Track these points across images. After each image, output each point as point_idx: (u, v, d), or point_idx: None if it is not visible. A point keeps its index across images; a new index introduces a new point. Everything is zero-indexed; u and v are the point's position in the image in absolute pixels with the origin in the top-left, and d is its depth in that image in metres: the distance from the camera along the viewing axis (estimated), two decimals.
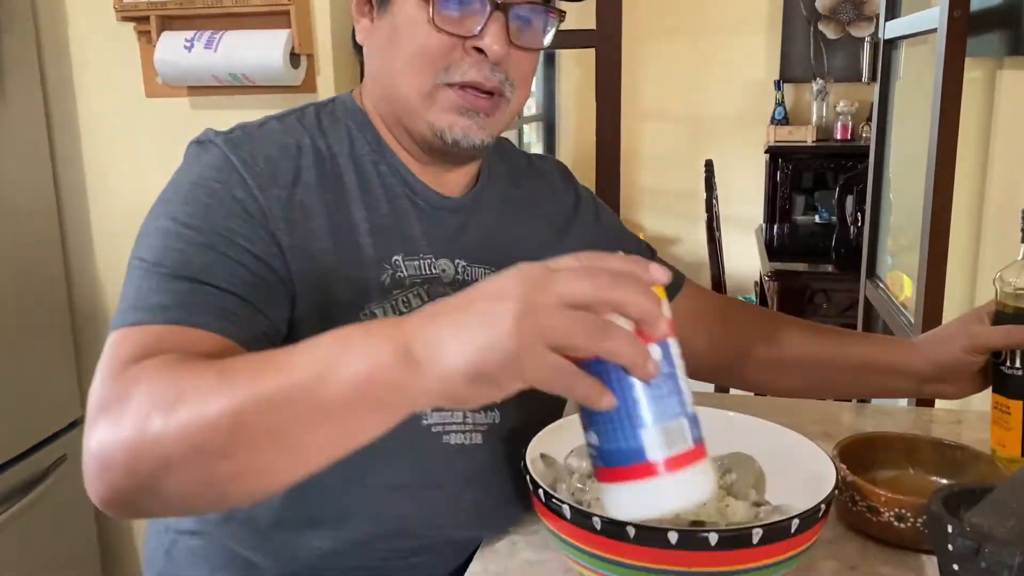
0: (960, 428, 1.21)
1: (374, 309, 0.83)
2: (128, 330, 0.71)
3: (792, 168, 4.56)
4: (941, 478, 1.01)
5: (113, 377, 0.66)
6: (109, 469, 0.62)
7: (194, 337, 0.71)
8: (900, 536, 0.89)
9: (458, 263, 0.91)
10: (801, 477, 0.89)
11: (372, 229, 0.86)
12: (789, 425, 1.21)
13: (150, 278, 0.75)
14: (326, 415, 0.57)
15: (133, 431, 0.61)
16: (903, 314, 1.90)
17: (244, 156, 0.82)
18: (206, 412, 0.59)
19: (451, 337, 0.55)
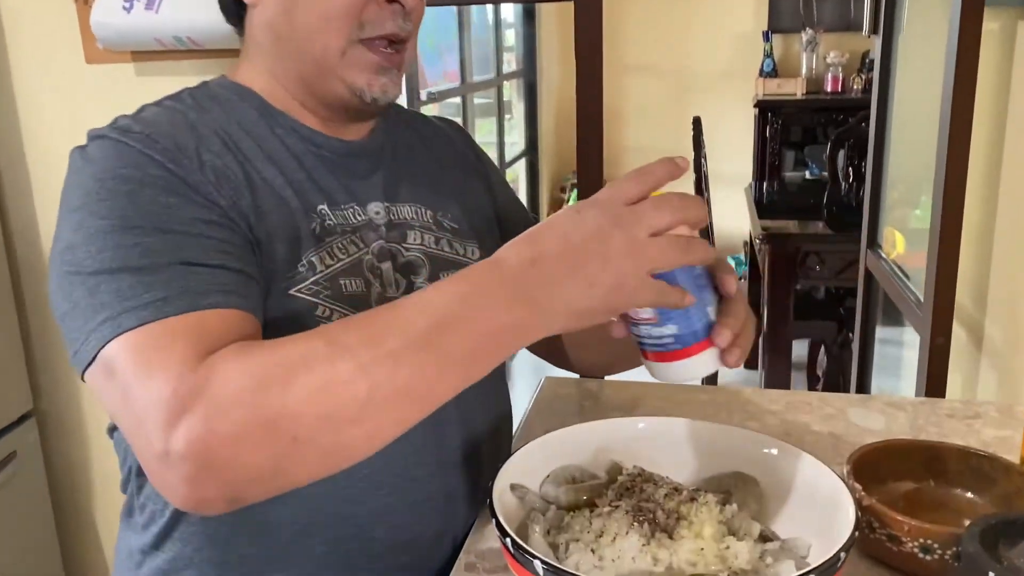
0: (978, 424, 1.10)
1: (310, 257, 0.80)
2: (139, 332, 0.65)
3: (781, 123, 4.46)
4: (966, 491, 0.89)
5: (173, 375, 0.61)
6: (213, 465, 0.59)
7: (215, 319, 0.67)
8: (925, 569, 0.78)
9: (380, 207, 0.88)
10: (810, 500, 0.77)
11: (288, 183, 0.83)
12: (793, 424, 1.11)
13: (121, 280, 0.67)
14: (455, 364, 0.62)
15: (246, 416, 0.59)
16: (909, 289, 1.78)
17: (139, 138, 0.76)
18: (333, 379, 0.60)
19: (571, 282, 0.62)
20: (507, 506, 0.76)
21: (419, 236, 0.89)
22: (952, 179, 1.40)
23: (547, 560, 0.63)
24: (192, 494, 0.61)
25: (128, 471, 0.85)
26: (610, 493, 0.77)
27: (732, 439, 0.85)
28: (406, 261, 0.86)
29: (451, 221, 0.93)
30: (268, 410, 0.59)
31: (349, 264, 0.81)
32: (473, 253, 0.92)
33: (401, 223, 0.88)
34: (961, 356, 1.91)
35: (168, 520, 0.82)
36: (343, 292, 0.79)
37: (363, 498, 0.81)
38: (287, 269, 0.78)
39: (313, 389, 0.60)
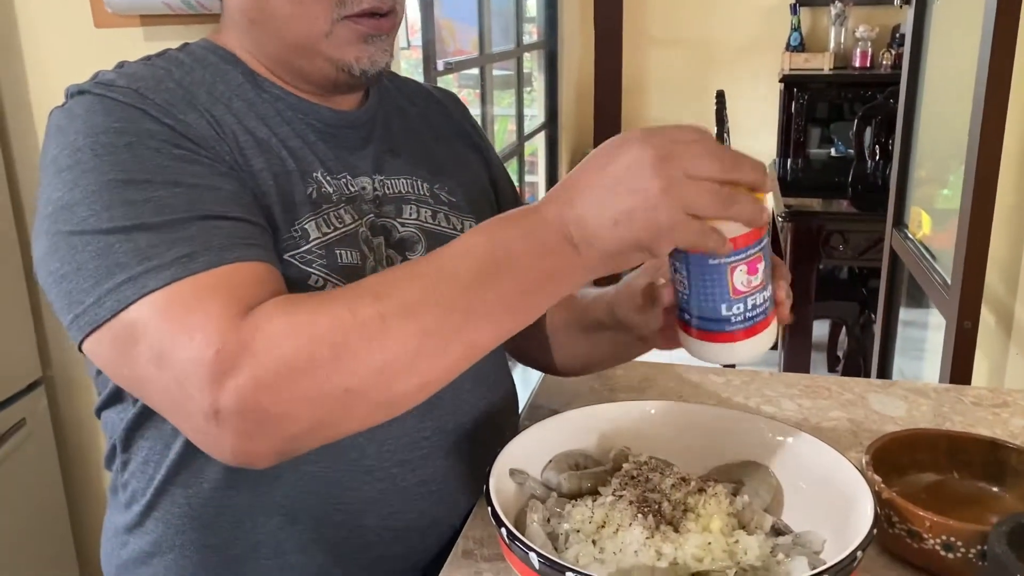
0: (1006, 413, 1.05)
1: (304, 224, 0.76)
2: (166, 292, 0.62)
3: (808, 98, 4.37)
4: (992, 485, 0.85)
5: (215, 334, 0.59)
6: (265, 420, 0.59)
7: (244, 273, 0.65)
8: (947, 568, 0.73)
9: (374, 179, 0.84)
10: (826, 491, 0.73)
11: (283, 144, 0.78)
12: (810, 409, 1.06)
13: (138, 238, 0.64)
14: (505, 308, 0.62)
15: (297, 373, 0.58)
16: (936, 270, 1.72)
17: (126, 92, 0.71)
18: (384, 333, 0.59)
19: (607, 219, 0.60)
20: (505, 492, 0.72)
21: (415, 210, 0.85)
22: (985, 154, 1.34)
23: (543, 553, 0.60)
24: (243, 449, 0.60)
25: (112, 448, 0.83)
26: (614, 482, 0.73)
27: (745, 426, 0.80)
28: (401, 237, 0.82)
29: (448, 194, 0.88)
30: (319, 367, 0.59)
31: (344, 234, 0.78)
32: (470, 228, 0.88)
33: (396, 197, 0.84)
34: (989, 341, 1.86)
35: (150, 499, 0.79)
36: (338, 262, 0.76)
37: (353, 484, 0.78)
38: (282, 233, 0.74)
39: (364, 344, 0.59)
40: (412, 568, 0.82)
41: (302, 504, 0.77)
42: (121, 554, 0.83)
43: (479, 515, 0.83)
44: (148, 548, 0.80)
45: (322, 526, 0.78)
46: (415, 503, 0.81)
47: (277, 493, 0.76)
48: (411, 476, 0.80)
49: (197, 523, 0.78)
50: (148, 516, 0.80)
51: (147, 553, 0.80)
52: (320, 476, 0.76)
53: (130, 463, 0.81)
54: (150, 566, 0.81)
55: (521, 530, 0.70)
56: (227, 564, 0.78)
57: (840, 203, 3.24)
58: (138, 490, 0.80)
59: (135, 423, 0.79)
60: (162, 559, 0.80)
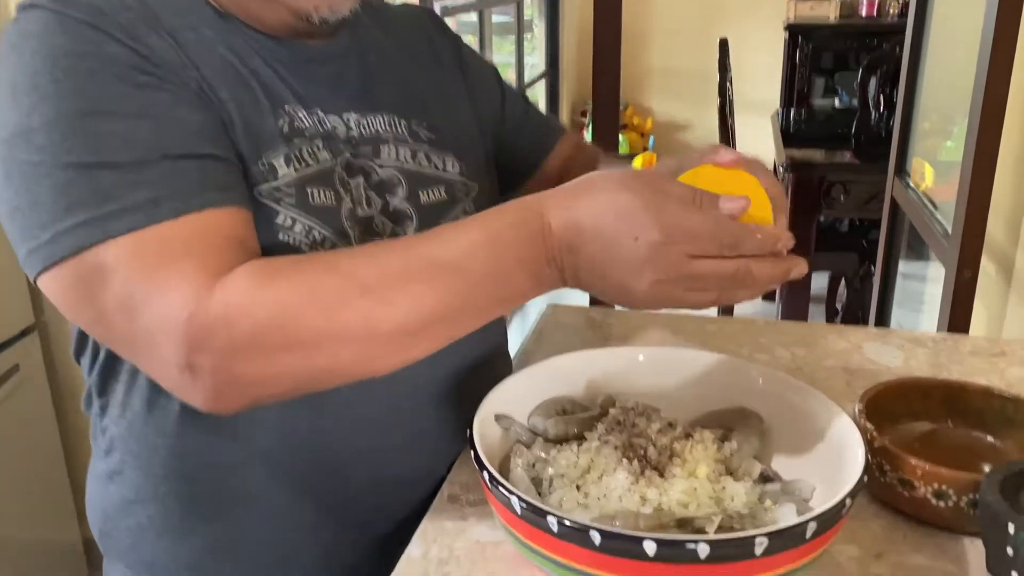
0: (1003, 363, 1.04)
1: (273, 159, 0.72)
2: (131, 238, 0.60)
3: (812, 47, 4.29)
4: (986, 435, 0.84)
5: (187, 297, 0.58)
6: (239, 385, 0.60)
7: (213, 221, 0.63)
8: (938, 516, 0.72)
9: (348, 118, 0.79)
10: (817, 439, 0.72)
11: (253, 74, 0.74)
12: (805, 358, 1.05)
13: (101, 177, 0.61)
14: (486, 312, 0.64)
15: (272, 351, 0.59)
16: (937, 220, 1.70)
17: (85, 9, 0.66)
18: (364, 323, 0.59)
19: (600, 283, 0.62)
20: (490, 437, 0.71)
21: (393, 151, 0.80)
22: (991, 100, 1.31)
23: (525, 497, 0.58)
24: (215, 405, 0.61)
25: (89, 392, 0.81)
26: (600, 427, 0.71)
27: (736, 372, 0.79)
28: (380, 179, 0.78)
29: (427, 131, 0.84)
30: (297, 348, 0.59)
31: (318, 172, 0.74)
32: (453, 166, 0.84)
33: (373, 137, 0.80)
34: (989, 291, 1.84)
35: (129, 447, 0.77)
36: (310, 202, 0.72)
37: (342, 436, 0.76)
38: (247, 167, 0.70)
39: (346, 335, 0.59)
40: (402, 519, 0.80)
41: (287, 456, 0.75)
42: (105, 502, 0.81)
43: (465, 460, 0.82)
44: (131, 496, 0.79)
45: (308, 477, 0.76)
46: (406, 456, 0.79)
47: (260, 444, 0.75)
48: (402, 428, 0.79)
49: (178, 473, 0.76)
50: (128, 464, 0.78)
51: (130, 501, 0.79)
52: (307, 428, 0.75)
53: (108, 409, 0.79)
54: (134, 515, 0.79)
55: (505, 475, 0.69)
56: (211, 514, 0.77)
57: (843, 155, 3.20)
58: (116, 436, 0.78)
59: (107, 367, 0.77)
60: (145, 508, 0.78)
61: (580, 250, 0.61)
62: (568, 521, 0.56)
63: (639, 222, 0.59)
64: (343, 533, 0.79)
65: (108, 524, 0.82)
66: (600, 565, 0.57)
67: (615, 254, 0.59)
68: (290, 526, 0.77)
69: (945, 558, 0.70)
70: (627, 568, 0.56)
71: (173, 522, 0.78)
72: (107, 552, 0.84)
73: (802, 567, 0.59)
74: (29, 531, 1.84)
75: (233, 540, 0.77)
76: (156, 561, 0.79)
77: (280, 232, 0.70)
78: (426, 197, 0.80)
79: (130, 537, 0.80)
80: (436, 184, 0.82)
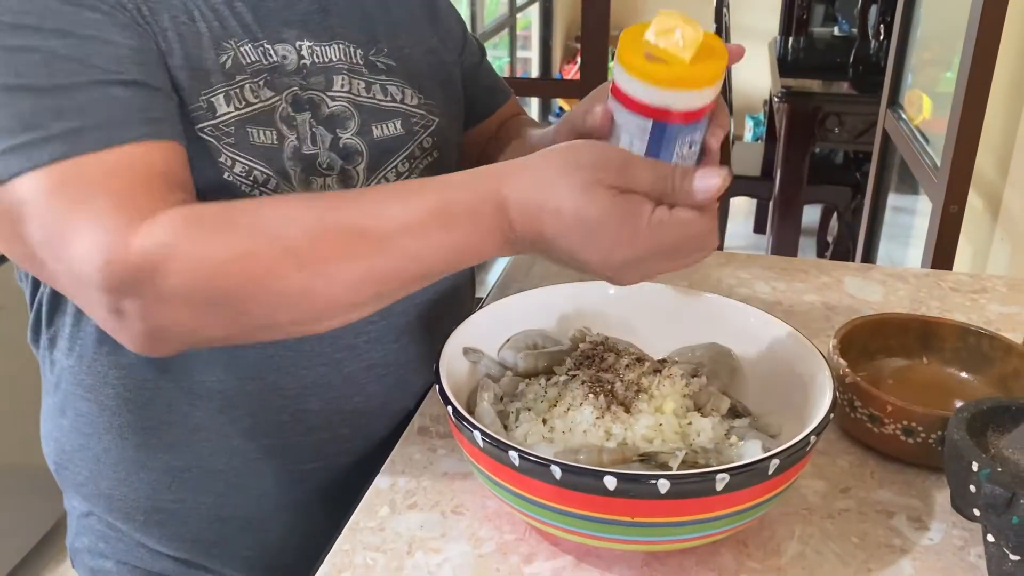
0: (984, 299, 1.03)
1: (212, 97, 0.69)
2: (52, 169, 0.56)
3: None
4: (961, 371, 0.83)
5: (107, 239, 0.54)
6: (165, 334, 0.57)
7: (139, 157, 0.59)
8: (907, 452, 0.73)
9: (300, 46, 0.75)
10: (788, 375, 0.71)
11: (201, 8, 0.70)
12: (784, 292, 1.04)
13: (22, 100, 0.58)
14: (424, 277, 0.60)
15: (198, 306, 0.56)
16: (927, 153, 1.67)
17: None
18: (296, 288, 0.56)
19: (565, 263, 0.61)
20: (458, 372, 0.70)
21: (347, 82, 0.76)
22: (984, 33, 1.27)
23: (488, 432, 0.58)
24: (148, 348, 0.59)
25: (36, 324, 0.79)
26: (569, 361, 0.71)
27: (709, 307, 0.78)
28: (331, 112, 0.75)
29: (385, 58, 0.80)
30: (230, 308, 0.56)
31: (258, 111, 0.70)
32: (411, 98, 0.80)
33: (326, 66, 0.75)
34: (975, 226, 1.82)
35: (80, 379, 0.76)
36: (250, 142, 0.69)
37: (293, 369, 0.75)
38: (186, 102, 0.67)
39: (277, 299, 0.56)
40: (362, 449, 0.80)
41: (239, 388, 0.75)
42: (60, 435, 0.81)
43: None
44: (86, 429, 0.78)
45: (262, 410, 0.76)
46: (361, 386, 0.78)
47: (211, 378, 0.74)
48: (356, 361, 0.78)
49: (132, 404, 0.75)
50: (80, 397, 0.77)
51: (85, 434, 0.78)
52: (257, 361, 0.74)
53: (56, 341, 0.77)
54: (89, 448, 0.79)
55: (472, 409, 0.69)
56: (166, 444, 0.77)
57: (840, 85, 3.15)
58: (67, 369, 0.77)
59: (53, 299, 0.75)
60: (100, 440, 0.78)
61: (542, 242, 0.58)
62: (530, 456, 0.56)
63: (613, 240, 0.57)
64: (299, 464, 0.79)
65: (63, 457, 0.81)
66: (562, 499, 0.57)
67: (584, 258, 0.58)
68: (245, 457, 0.77)
69: (910, 493, 0.71)
70: (588, 502, 0.56)
71: (128, 453, 0.77)
72: (64, 485, 0.84)
73: (765, 502, 0.59)
74: (11, 458, 1.85)
75: (188, 468, 0.77)
76: (113, 492, 0.79)
77: (224, 172, 0.68)
78: (379, 132, 0.77)
79: (87, 470, 0.79)
80: (391, 118, 0.79)
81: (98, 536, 0.83)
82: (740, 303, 0.78)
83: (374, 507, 0.69)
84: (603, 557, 0.64)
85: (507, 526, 0.67)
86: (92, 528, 0.83)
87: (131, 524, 0.80)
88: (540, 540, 0.65)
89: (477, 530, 0.66)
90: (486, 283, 1.06)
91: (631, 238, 0.57)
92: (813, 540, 0.66)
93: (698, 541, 0.60)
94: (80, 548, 0.85)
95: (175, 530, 0.80)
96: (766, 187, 3.11)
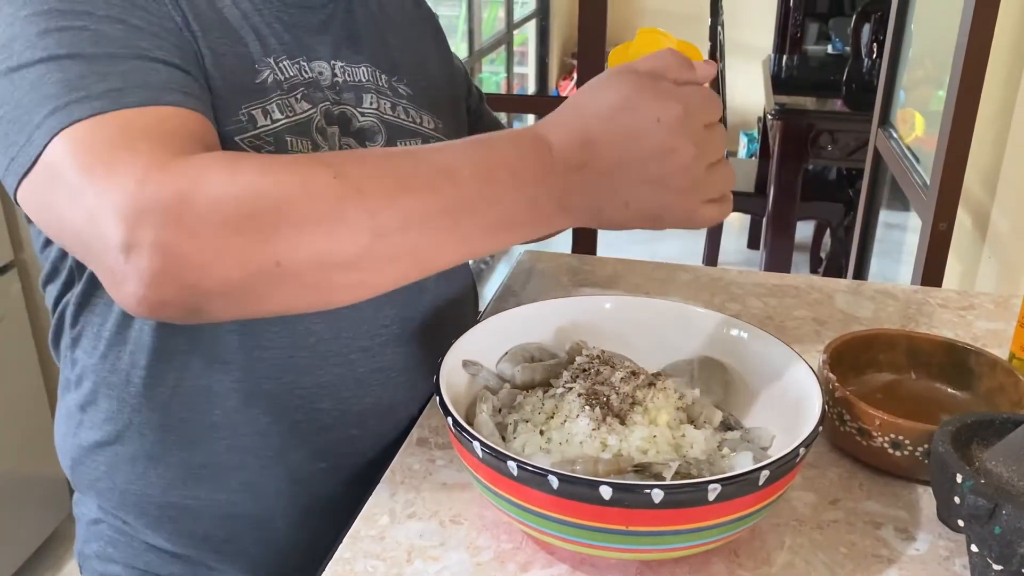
0: (972, 315, 1.05)
1: (252, 110, 0.72)
2: (91, 123, 0.56)
3: None
4: (947, 386, 0.85)
5: (140, 169, 0.53)
6: (181, 266, 0.53)
7: (178, 119, 0.60)
8: (894, 465, 0.74)
9: (335, 64, 0.80)
10: (779, 389, 0.73)
11: (245, 21, 0.74)
12: (776, 308, 1.06)
13: (70, 68, 0.59)
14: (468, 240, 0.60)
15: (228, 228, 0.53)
16: (917, 171, 1.70)
17: None
18: (336, 219, 0.54)
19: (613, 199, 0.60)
20: (458, 383, 0.72)
21: (375, 100, 0.81)
22: (973, 54, 1.30)
23: (486, 442, 0.60)
24: (151, 295, 0.54)
25: (59, 324, 0.81)
26: (565, 374, 0.73)
27: (702, 322, 0.80)
28: (360, 127, 0.79)
29: (406, 87, 0.85)
30: (255, 230, 0.53)
31: (296, 122, 0.74)
32: (430, 123, 0.85)
33: (356, 85, 0.80)
34: (964, 244, 1.85)
35: (102, 376, 0.78)
36: (288, 150, 0.73)
37: (309, 369, 0.77)
38: (226, 116, 0.71)
39: (311, 224, 0.54)
40: (370, 450, 0.83)
41: (257, 387, 0.76)
42: (78, 433, 0.82)
43: (435, 404, 0.83)
44: (104, 425, 0.80)
45: (278, 409, 0.78)
46: (372, 388, 0.80)
47: (230, 376, 0.76)
48: (369, 362, 0.80)
49: (152, 403, 0.77)
50: (101, 394, 0.79)
51: (103, 431, 0.80)
52: (275, 361, 0.76)
53: (80, 340, 0.79)
54: (108, 444, 0.80)
55: (471, 420, 0.70)
56: (183, 444, 0.78)
57: (834, 102, 3.19)
58: (88, 367, 0.79)
59: (84, 297, 0.77)
60: (119, 437, 0.79)
61: (594, 164, 0.59)
62: (527, 466, 0.58)
63: (656, 104, 0.58)
64: (312, 463, 0.81)
65: (80, 453, 0.83)
66: (558, 508, 0.58)
67: (642, 145, 0.58)
68: (258, 455, 0.79)
69: (898, 505, 0.72)
70: (584, 511, 0.57)
71: (146, 449, 0.79)
72: (78, 484, 0.86)
73: (756, 512, 0.60)
74: (11, 466, 1.86)
75: (204, 466, 0.79)
76: (128, 488, 0.81)
77: None
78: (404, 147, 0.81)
79: (104, 465, 0.81)
80: (414, 137, 0.83)
81: (107, 541, 0.85)
82: (732, 318, 0.80)
83: (374, 516, 0.70)
84: (598, 566, 0.65)
85: (504, 535, 0.68)
86: (102, 534, 0.85)
87: (143, 520, 0.82)
88: (537, 549, 0.67)
89: (475, 539, 0.68)
90: (484, 297, 1.08)
91: (672, 94, 0.59)
92: (803, 550, 0.67)
93: (691, 550, 0.62)
94: (89, 554, 0.86)
95: (186, 527, 0.82)
96: (760, 203, 3.14)
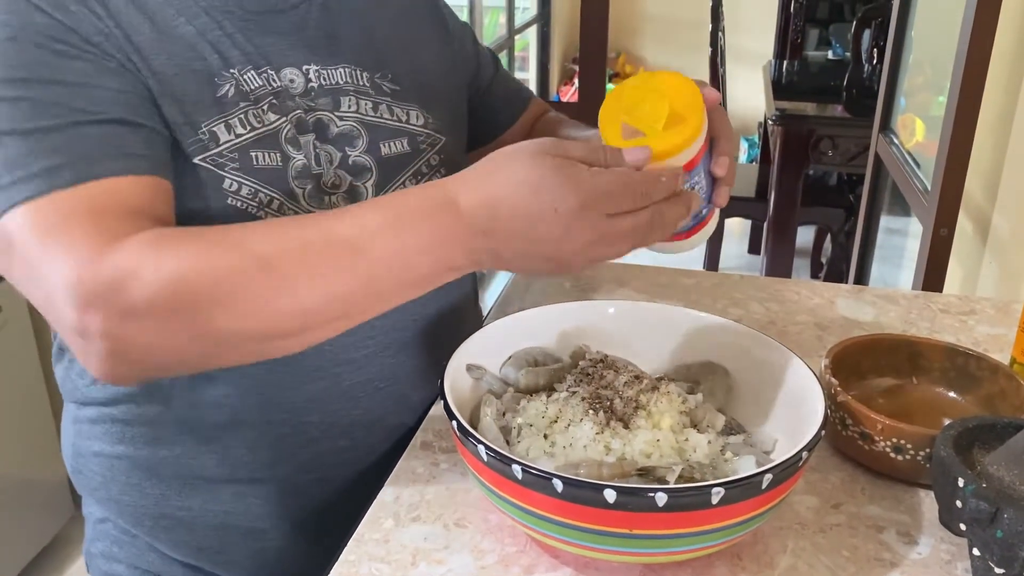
0: (973, 320, 1.05)
1: (213, 127, 0.72)
2: (31, 205, 0.60)
3: None
4: (949, 391, 0.86)
5: (75, 261, 0.58)
6: (127, 354, 0.59)
7: (112, 190, 0.62)
8: (896, 469, 0.75)
9: (307, 69, 0.78)
10: (782, 393, 0.74)
11: (202, 37, 0.73)
12: (778, 313, 1.06)
13: (9, 146, 0.62)
14: (388, 297, 0.63)
15: (163, 322, 0.58)
16: (918, 177, 1.70)
17: None
18: (261, 305, 0.59)
19: (521, 259, 0.63)
20: (462, 388, 0.72)
21: (354, 102, 0.79)
22: (973, 60, 1.30)
23: (491, 446, 0.60)
24: (109, 371, 0.61)
25: (59, 348, 0.83)
26: (569, 378, 0.73)
27: (705, 326, 0.80)
28: (339, 132, 0.78)
29: (391, 82, 0.83)
30: (190, 314, 0.58)
31: (261, 135, 0.73)
32: (417, 119, 0.83)
33: (334, 88, 0.78)
34: (965, 249, 1.86)
35: (96, 397, 0.80)
36: (254, 165, 0.72)
37: (294, 384, 0.77)
38: (186, 136, 0.70)
39: (240, 305, 0.59)
40: (360, 461, 0.82)
41: (243, 404, 0.77)
42: (77, 444, 0.84)
43: (439, 409, 0.83)
44: (101, 439, 0.81)
45: (265, 422, 0.78)
46: (359, 400, 0.80)
47: (218, 392, 0.76)
48: (355, 375, 0.79)
49: (144, 418, 0.78)
50: (95, 410, 0.81)
51: (100, 443, 0.81)
52: (259, 377, 0.76)
53: (76, 362, 0.81)
54: (103, 456, 0.82)
55: (476, 424, 0.71)
56: (175, 457, 0.79)
57: (834, 108, 3.18)
58: (81, 386, 0.81)
59: None
60: (113, 449, 0.81)
61: (497, 232, 0.61)
62: (532, 469, 0.58)
63: (556, 193, 0.60)
64: (302, 475, 0.81)
65: (79, 462, 0.84)
66: (562, 512, 0.59)
67: (539, 230, 0.60)
68: (248, 467, 0.79)
69: (900, 509, 0.73)
70: (589, 515, 0.58)
71: (139, 462, 0.80)
72: (80, 489, 0.87)
73: (758, 516, 0.61)
74: (14, 470, 1.86)
75: (195, 478, 0.79)
76: (123, 498, 0.82)
77: (228, 197, 0.70)
78: (387, 149, 0.80)
79: (100, 475, 0.82)
80: (398, 136, 0.81)
81: (112, 541, 0.86)
82: (735, 323, 0.80)
83: (379, 519, 0.71)
84: (602, 569, 0.66)
85: (508, 538, 0.69)
86: (107, 533, 0.86)
87: (141, 529, 0.83)
88: (541, 552, 0.67)
89: (479, 542, 0.68)
90: (486, 303, 1.08)
91: (575, 185, 0.60)
92: (805, 554, 0.68)
93: (694, 553, 0.62)
94: (95, 553, 0.88)
95: (182, 537, 0.82)
96: (761, 208, 3.15)
